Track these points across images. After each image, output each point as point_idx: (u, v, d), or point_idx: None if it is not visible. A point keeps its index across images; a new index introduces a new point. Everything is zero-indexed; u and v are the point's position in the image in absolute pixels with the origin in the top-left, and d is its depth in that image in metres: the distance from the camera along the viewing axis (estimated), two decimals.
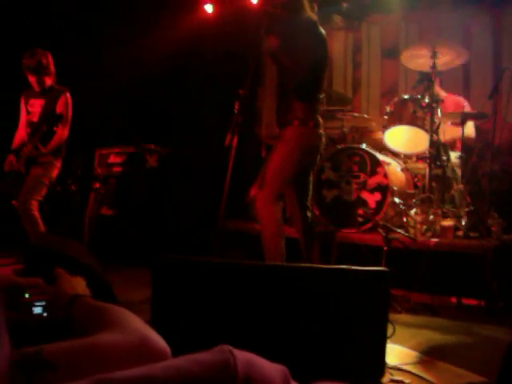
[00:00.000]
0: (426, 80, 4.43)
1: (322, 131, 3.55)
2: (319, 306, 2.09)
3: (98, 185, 5.81)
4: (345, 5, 6.10)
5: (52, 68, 4.69)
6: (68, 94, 4.67)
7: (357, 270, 2.12)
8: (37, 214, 4.49)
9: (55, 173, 4.70)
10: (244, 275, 2.14)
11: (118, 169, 5.75)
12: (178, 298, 2.19)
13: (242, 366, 0.61)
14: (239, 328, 2.08)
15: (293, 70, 3.43)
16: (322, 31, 3.51)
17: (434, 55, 4.34)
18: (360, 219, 4.16)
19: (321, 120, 3.55)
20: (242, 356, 0.63)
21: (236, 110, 3.38)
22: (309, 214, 3.63)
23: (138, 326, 0.88)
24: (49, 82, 4.65)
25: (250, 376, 0.60)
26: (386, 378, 2.19)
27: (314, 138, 3.49)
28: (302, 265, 2.30)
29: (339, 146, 4.58)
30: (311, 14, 3.54)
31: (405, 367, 2.39)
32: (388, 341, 2.60)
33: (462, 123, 4.49)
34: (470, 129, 4.94)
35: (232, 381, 0.59)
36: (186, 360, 0.63)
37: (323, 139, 3.61)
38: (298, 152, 3.43)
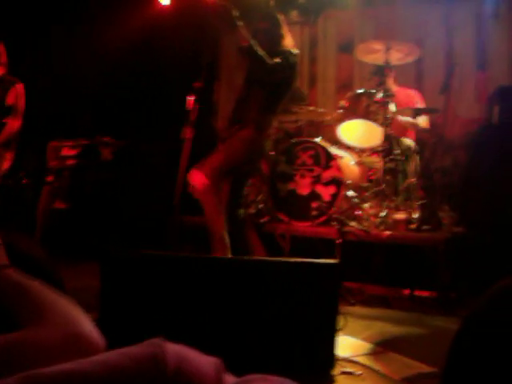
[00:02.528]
0: (379, 74, 4.49)
1: (267, 142, 3.91)
2: (269, 298, 2.10)
3: (50, 178, 5.67)
4: (301, 0, 6.13)
5: (4, 58, 4.56)
6: (19, 85, 4.55)
7: (307, 262, 2.13)
8: None
9: (6, 165, 4.58)
10: (193, 268, 2.12)
11: (71, 162, 5.62)
12: (127, 292, 2.16)
13: (173, 358, 0.59)
14: (189, 322, 2.06)
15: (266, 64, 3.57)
16: (296, 66, 3.79)
17: (387, 50, 4.41)
18: (314, 212, 4.18)
19: (269, 132, 3.91)
20: (173, 348, 0.62)
21: (191, 104, 3.45)
22: (241, 211, 3.81)
23: (67, 315, 0.83)
24: (0, 72, 4.52)
25: (181, 368, 0.59)
26: (336, 370, 2.21)
27: (262, 145, 3.79)
28: (252, 258, 2.30)
29: (294, 140, 4.60)
30: (290, 41, 3.75)
31: (356, 359, 2.42)
32: (340, 333, 2.63)
33: (414, 118, 4.58)
34: (424, 120, 5.04)
35: (162, 373, 0.58)
36: (115, 354, 0.62)
37: (266, 148, 3.97)
38: (245, 154, 3.65)
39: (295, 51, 3.72)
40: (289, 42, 3.74)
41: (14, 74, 4.63)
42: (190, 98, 3.55)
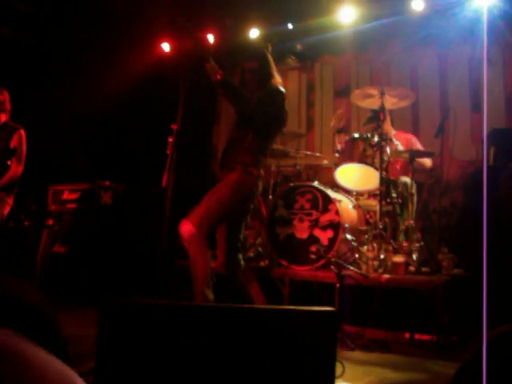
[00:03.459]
0: (376, 118, 4.57)
1: (260, 183, 3.68)
2: (266, 346, 2.09)
3: (51, 221, 5.70)
4: (299, 46, 6.28)
5: (8, 105, 4.65)
6: (22, 131, 4.63)
7: (303, 310, 2.14)
8: None
9: (6, 210, 4.60)
10: (193, 317, 2.13)
11: (71, 205, 5.66)
12: (125, 341, 2.16)
13: None
14: (188, 372, 2.06)
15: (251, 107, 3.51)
16: (284, 103, 3.64)
17: (382, 96, 4.50)
18: (313, 256, 4.20)
19: (262, 173, 3.68)
20: None
21: (170, 147, 3.34)
22: (240, 257, 3.71)
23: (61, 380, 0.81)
24: (3, 118, 4.61)
25: None
26: None
27: (253, 187, 3.60)
28: (250, 306, 2.30)
29: (292, 184, 4.64)
30: (278, 79, 3.69)
31: None
32: (339, 380, 2.61)
33: (411, 161, 4.63)
34: (427, 162, 5.09)
35: None
36: None
37: (260, 188, 3.71)
38: (233, 197, 3.51)
39: (281, 89, 3.62)
40: (277, 81, 3.66)
41: (14, 120, 4.71)
42: (170, 141, 3.37)
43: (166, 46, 6.43)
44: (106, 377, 2.18)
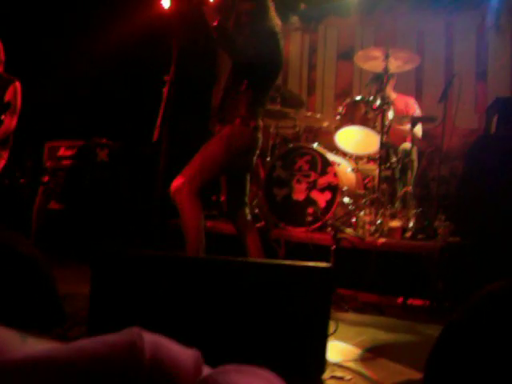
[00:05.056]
0: (378, 81, 4.50)
1: (260, 135, 3.55)
2: (261, 300, 2.07)
3: (46, 178, 5.66)
4: (303, 6, 6.15)
5: (2, 56, 4.55)
6: (18, 84, 4.54)
7: (300, 265, 2.12)
8: None
9: (2, 164, 4.56)
10: (185, 268, 2.10)
11: (67, 162, 5.61)
12: (117, 292, 2.14)
13: (150, 347, 0.58)
14: (180, 323, 2.04)
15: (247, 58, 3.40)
16: (281, 43, 3.51)
17: (386, 58, 4.41)
18: (309, 218, 4.17)
19: (261, 124, 3.55)
20: (151, 338, 0.60)
21: (163, 100, 3.24)
22: (247, 211, 3.65)
23: None
24: None
25: (158, 357, 0.58)
26: (326, 375, 2.19)
27: (250, 140, 3.48)
28: (244, 259, 2.28)
29: (291, 145, 4.59)
30: (276, 21, 3.54)
31: (347, 364, 2.40)
32: (332, 338, 2.61)
33: (413, 126, 4.57)
34: (418, 129, 5.04)
35: (138, 361, 0.56)
36: (91, 341, 0.60)
37: (260, 142, 3.59)
38: (227, 151, 3.41)
39: (277, 30, 3.48)
40: (274, 22, 3.50)
41: (12, 72, 4.62)
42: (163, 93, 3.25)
43: (165, 1, 6.28)
44: (99, 323, 2.17)
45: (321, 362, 2.16)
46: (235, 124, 3.42)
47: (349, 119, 4.50)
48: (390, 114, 4.45)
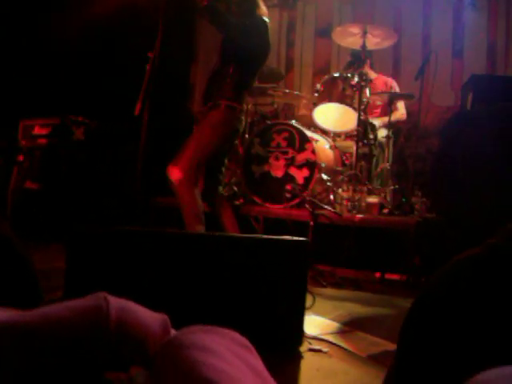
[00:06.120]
0: (357, 58, 4.50)
1: (243, 117, 3.70)
2: (238, 274, 2.08)
3: (21, 157, 5.57)
4: None
5: None
6: None
7: (276, 239, 2.13)
8: None
9: None
10: (163, 243, 2.10)
11: (43, 141, 5.52)
12: (92, 270, 2.13)
13: (116, 310, 0.58)
14: (154, 297, 2.04)
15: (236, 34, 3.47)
16: (268, 34, 3.61)
17: (364, 34, 4.40)
18: (288, 195, 4.18)
19: (245, 107, 3.76)
20: (117, 302, 0.60)
21: (146, 75, 3.25)
22: (221, 189, 3.78)
23: None
24: None
25: (124, 321, 0.58)
26: (304, 347, 2.21)
27: (236, 123, 3.62)
28: (221, 234, 2.28)
29: (269, 122, 4.58)
30: (264, 10, 3.63)
31: (324, 337, 2.42)
32: (309, 312, 2.64)
33: (390, 103, 4.59)
34: (401, 110, 5.07)
35: (104, 325, 0.56)
36: (57, 306, 0.60)
37: (242, 125, 3.74)
38: (218, 136, 3.55)
39: (266, 20, 3.60)
40: (263, 11, 3.64)
41: None
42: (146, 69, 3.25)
43: None
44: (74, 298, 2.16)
45: (298, 335, 2.19)
46: (222, 109, 3.51)
47: (327, 96, 4.50)
48: (368, 92, 4.45)
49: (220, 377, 0.50)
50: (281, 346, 2.14)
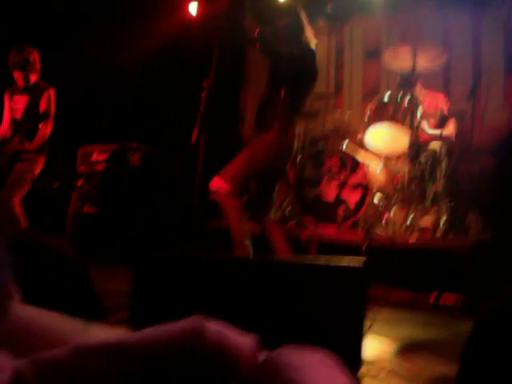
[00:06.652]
0: (406, 83, 4.50)
1: (295, 142, 3.77)
2: (297, 300, 2.13)
3: (80, 182, 5.78)
4: (329, 8, 6.17)
5: (38, 65, 4.69)
6: (52, 91, 4.67)
7: (332, 265, 2.17)
8: (19, 209, 4.48)
9: (38, 169, 4.68)
10: (223, 269, 2.17)
11: (100, 166, 5.72)
12: (157, 293, 2.22)
13: (212, 334, 0.64)
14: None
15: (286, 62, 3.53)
16: (315, 61, 3.66)
17: (414, 56, 4.41)
18: (340, 218, 4.21)
19: (296, 132, 3.75)
20: (214, 325, 0.66)
21: (201, 104, 3.35)
22: (271, 213, 3.82)
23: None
24: (33, 78, 4.65)
25: (220, 344, 0.64)
26: (362, 372, 2.23)
27: (287, 146, 3.64)
28: (280, 259, 2.34)
29: (320, 145, 4.63)
30: (310, 37, 3.67)
31: (381, 361, 2.44)
32: (366, 335, 2.65)
33: (441, 124, 4.57)
34: (451, 128, 5.03)
35: (201, 347, 0.62)
36: (157, 329, 0.66)
37: (294, 150, 3.81)
38: (268, 155, 3.55)
39: (314, 41, 3.63)
40: (310, 38, 3.66)
41: (47, 78, 4.75)
42: (201, 98, 3.39)
43: (192, 8, 6.34)
44: (139, 322, 2.25)
45: (357, 360, 2.21)
46: (274, 131, 3.53)
47: (378, 119, 4.52)
48: (419, 113, 4.45)
49: None
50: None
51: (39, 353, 0.61)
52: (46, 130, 4.60)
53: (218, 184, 3.46)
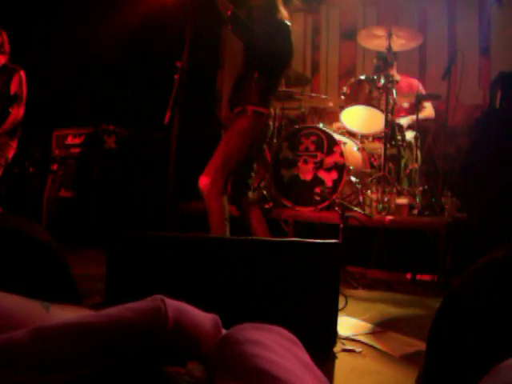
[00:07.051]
0: (383, 60, 4.51)
1: (270, 122, 3.71)
2: (271, 277, 2.14)
3: (55, 166, 5.71)
4: None
5: (6, 47, 4.58)
6: (22, 73, 4.58)
7: (308, 242, 2.17)
8: None
9: (11, 153, 4.61)
10: (198, 248, 2.17)
11: (75, 150, 5.66)
12: (132, 274, 2.20)
13: (173, 312, 0.63)
14: (193, 302, 2.10)
15: (259, 43, 3.50)
16: (291, 35, 3.62)
17: (389, 36, 4.42)
18: (317, 198, 4.22)
19: (272, 111, 3.71)
20: (173, 303, 0.66)
21: (175, 85, 3.31)
22: (250, 194, 3.80)
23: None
24: (3, 60, 4.55)
25: (181, 321, 0.63)
26: (337, 348, 2.25)
27: (263, 127, 3.63)
28: (255, 238, 2.34)
29: (297, 126, 4.62)
30: (285, 13, 3.64)
31: (357, 337, 2.46)
32: (342, 313, 2.67)
33: (417, 104, 4.59)
34: (429, 109, 5.07)
35: (163, 325, 0.61)
36: (119, 308, 0.65)
37: (270, 129, 3.76)
38: (246, 142, 3.56)
39: (288, 23, 3.60)
40: (284, 14, 3.63)
41: (16, 62, 4.66)
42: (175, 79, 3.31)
43: None
44: (115, 302, 2.24)
45: (332, 335, 2.23)
46: (249, 114, 3.52)
47: (353, 99, 4.53)
48: (394, 93, 4.46)
49: (274, 368, 0.56)
50: (315, 347, 2.17)
51: None
52: (17, 113, 4.51)
53: (205, 183, 3.47)
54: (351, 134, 4.68)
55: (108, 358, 0.59)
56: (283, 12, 3.62)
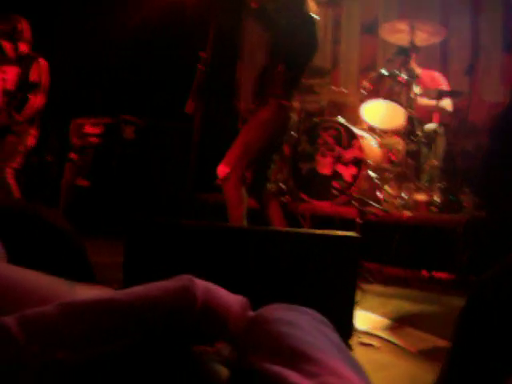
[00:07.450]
0: (403, 55, 4.46)
1: (292, 115, 3.70)
2: (290, 268, 2.13)
3: (73, 155, 5.75)
4: None
5: (27, 34, 4.60)
6: (42, 61, 4.60)
7: (328, 234, 2.16)
8: (12, 181, 4.45)
9: (31, 141, 4.64)
10: (218, 237, 2.16)
11: (94, 139, 5.68)
12: (151, 260, 2.20)
13: (201, 291, 0.63)
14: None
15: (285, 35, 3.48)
16: (316, 31, 3.63)
17: (412, 30, 4.37)
18: (335, 192, 4.20)
19: (293, 104, 3.70)
20: (202, 283, 0.65)
21: (198, 75, 3.30)
22: (268, 186, 3.79)
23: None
24: (23, 48, 4.57)
25: (209, 301, 0.62)
26: (354, 341, 2.24)
27: (285, 120, 3.62)
28: (275, 228, 2.33)
29: (316, 120, 4.59)
30: (312, 6, 3.61)
31: (373, 332, 2.45)
32: (358, 308, 2.66)
33: (438, 100, 4.54)
34: (448, 103, 5.01)
35: (191, 304, 0.61)
36: (147, 286, 0.65)
37: (292, 120, 3.76)
38: (268, 133, 3.53)
39: (315, 16, 3.58)
40: (311, 7, 3.60)
41: (39, 51, 4.68)
42: (198, 69, 3.34)
43: None
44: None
45: (349, 328, 2.21)
46: (272, 106, 3.49)
47: (374, 93, 4.49)
48: (416, 88, 4.41)
49: (309, 348, 0.55)
50: None
51: (25, 310, 0.59)
52: (36, 100, 4.53)
53: (224, 172, 3.45)
54: (370, 129, 4.64)
55: (134, 336, 0.58)
56: (311, 5, 3.59)
